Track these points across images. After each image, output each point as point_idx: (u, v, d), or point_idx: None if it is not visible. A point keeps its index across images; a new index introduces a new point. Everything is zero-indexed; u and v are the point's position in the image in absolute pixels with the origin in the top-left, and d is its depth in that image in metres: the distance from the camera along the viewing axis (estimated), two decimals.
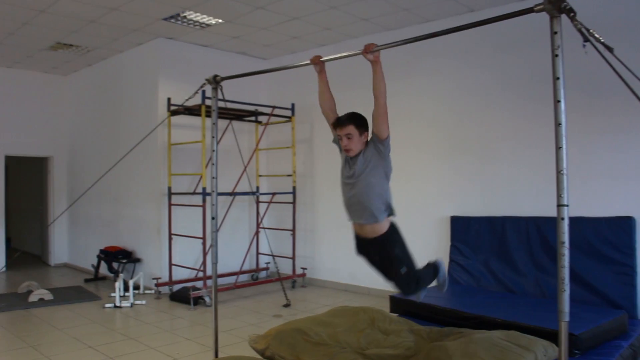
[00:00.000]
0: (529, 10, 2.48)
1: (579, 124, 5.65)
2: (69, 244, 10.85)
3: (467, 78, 6.90)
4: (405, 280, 3.49)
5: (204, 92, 6.77)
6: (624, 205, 5.56)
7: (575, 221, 5.34)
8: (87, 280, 8.97)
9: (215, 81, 4.14)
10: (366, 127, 3.38)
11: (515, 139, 6.44)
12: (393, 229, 3.45)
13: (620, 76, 2.36)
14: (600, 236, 5.58)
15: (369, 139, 3.39)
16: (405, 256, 3.45)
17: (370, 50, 3.16)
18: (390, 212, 3.40)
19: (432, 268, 3.86)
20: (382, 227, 3.38)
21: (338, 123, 3.39)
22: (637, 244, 5.43)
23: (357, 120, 3.36)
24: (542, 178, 6.09)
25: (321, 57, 3.51)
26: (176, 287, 7.77)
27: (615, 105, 5.59)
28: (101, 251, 8.83)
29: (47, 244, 10.96)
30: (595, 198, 5.73)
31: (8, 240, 10.61)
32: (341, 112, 3.48)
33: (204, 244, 7.44)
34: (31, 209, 12.05)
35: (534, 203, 6.18)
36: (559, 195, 2.36)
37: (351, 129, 3.33)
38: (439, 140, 7.15)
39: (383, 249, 3.44)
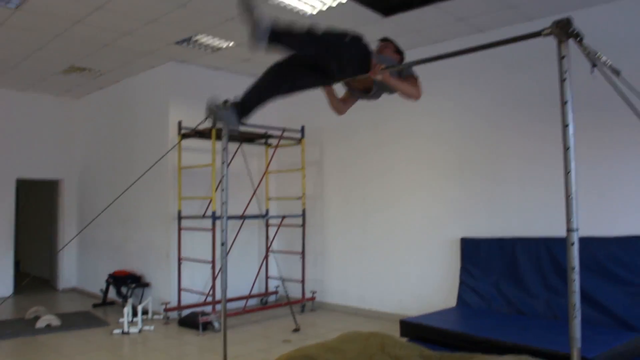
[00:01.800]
0: (537, 34, 2.48)
1: (589, 142, 5.64)
2: (77, 268, 10.82)
3: (474, 98, 6.90)
4: None
5: None
6: (637, 225, 5.50)
7: (586, 241, 5.27)
8: (95, 305, 8.93)
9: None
10: None
11: (524, 160, 6.41)
12: None
13: (626, 101, 2.36)
14: (613, 256, 5.51)
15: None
16: None
17: (377, 73, 3.26)
18: None
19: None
20: None
21: None
22: None
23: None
24: (552, 199, 6.03)
25: None
26: (185, 312, 7.73)
27: (626, 124, 5.50)
28: (110, 275, 8.78)
29: (55, 268, 10.94)
30: (607, 217, 5.68)
31: (17, 264, 10.62)
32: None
33: (213, 267, 7.40)
34: (41, 232, 12.07)
35: (544, 224, 6.13)
36: (569, 220, 2.34)
37: None
38: (447, 162, 7.12)
39: None
